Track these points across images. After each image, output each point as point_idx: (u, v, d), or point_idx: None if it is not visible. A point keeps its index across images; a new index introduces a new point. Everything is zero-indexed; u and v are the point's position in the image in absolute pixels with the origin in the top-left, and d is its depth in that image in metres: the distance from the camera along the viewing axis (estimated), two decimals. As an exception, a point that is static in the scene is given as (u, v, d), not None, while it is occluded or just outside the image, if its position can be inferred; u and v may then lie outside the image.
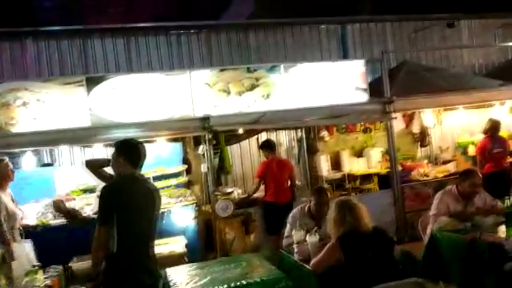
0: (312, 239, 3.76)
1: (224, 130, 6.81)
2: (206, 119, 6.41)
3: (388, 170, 8.12)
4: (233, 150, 8.73)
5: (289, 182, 7.01)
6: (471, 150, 8.23)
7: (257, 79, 6.69)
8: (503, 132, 8.37)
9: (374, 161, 9.09)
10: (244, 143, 8.71)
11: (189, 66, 8.52)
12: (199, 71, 6.65)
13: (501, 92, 8.06)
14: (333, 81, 7.09)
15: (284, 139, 9.20)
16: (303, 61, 8.55)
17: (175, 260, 5.43)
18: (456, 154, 8.95)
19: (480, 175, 5.00)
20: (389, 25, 10.38)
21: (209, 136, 6.48)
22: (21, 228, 4.93)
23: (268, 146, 7.05)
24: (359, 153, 9.34)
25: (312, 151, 9.08)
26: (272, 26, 9.54)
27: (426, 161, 9.19)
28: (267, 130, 8.33)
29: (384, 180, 8.22)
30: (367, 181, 8.77)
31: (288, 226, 4.45)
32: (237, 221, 6.58)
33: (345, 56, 9.87)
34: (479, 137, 8.13)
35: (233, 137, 8.18)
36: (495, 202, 4.72)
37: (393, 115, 7.35)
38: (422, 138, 9.50)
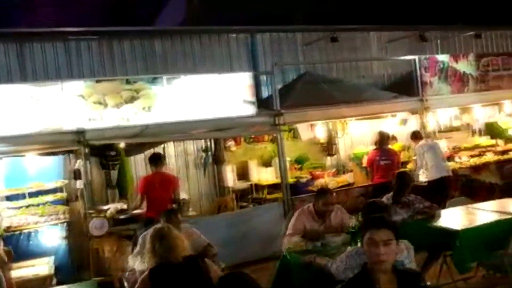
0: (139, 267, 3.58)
1: (101, 144, 6.50)
2: (81, 132, 6.11)
3: (295, 179, 8.20)
4: (137, 161, 8.41)
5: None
6: (365, 161, 8.35)
7: (137, 91, 6.46)
8: (397, 144, 8.60)
9: (279, 171, 9.03)
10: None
11: (90, 75, 8.03)
12: (71, 82, 6.33)
13: (393, 104, 8.25)
14: (221, 93, 6.97)
15: (193, 149, 8.99)
16: (211, 71, 8.48)
17: (40, 283, 5.12)
18: (352, 164, 9.08)
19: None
20: (300, 35, 10.36)
21: (86, 151, 6.18)
22: None
23: (153, 160, 6.81)
24: (267, 163, 9.27)
25: (219, 161, 8.93)
26: (179, 34, 9.28)
27: (334, 170, 9.30)
28: (174, 140, 8.10)
29: (293, 189, 8.15)
30: (276, 190, 8.70)
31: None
32: (114, 239, 6.29)
33: (255, 66, 9.78)
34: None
35: (135, 148, 7.88)
36: (350, 220, 4.72)
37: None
38: (329, 147, 9.59)
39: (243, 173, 9.03)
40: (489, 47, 10.91)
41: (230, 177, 8.83)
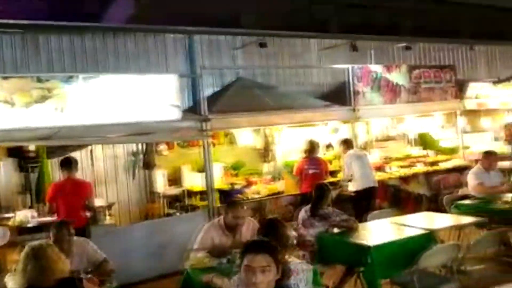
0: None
1: (8, 146, 5.99)
2: (-17, 133, 5.59)
3: (230, 185, 7.97)
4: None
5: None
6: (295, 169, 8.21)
7: (49, 90, 6.00)
8: (324, 156, 8.48)
9: (215, 177, 8.75)
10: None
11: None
12: (-27, 79, 5.79)
13: (325, 113, 8.16)
14: (144, 95, 6.62)
15: (123, 152, 8.51)
16: (146, 71, 8.07)
17: None
18: (284, 172, 8.92)
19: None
20: (239, 39, 10.10)
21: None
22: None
23: (64, 165, 6.35)
24: (202, 168, 8.95)
25: (149, 165, 8.53)
26: (113, 32, 8.77)
27: (270, 176, 9.10)
28: (88, 144, 7.60)
29: (228, 196, 7.84)
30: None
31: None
32: (18, 250, 5.77)
33: (192, 68, 9.45)
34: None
35: (57, 149, 7.35)
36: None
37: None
38: (266, 153, 9.40)
39: (176, 179, 8.70)
40: (422, 59, 11.08)
41: (160, 182, 8.48)
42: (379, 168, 8.87)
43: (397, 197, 8.47)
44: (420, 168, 9.11)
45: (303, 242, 5.12)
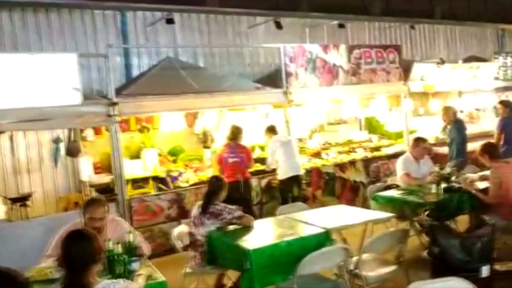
0: None
1: None
2: None
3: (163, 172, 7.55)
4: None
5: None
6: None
7: None
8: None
9: (150, 163, 8.19)
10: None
11: None
12: None
13: (254, 96, 7.61)
14: (41, 77, 5.96)
15: (48, 139, 7.89)
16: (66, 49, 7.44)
17: None
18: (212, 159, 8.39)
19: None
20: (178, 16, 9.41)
21: None
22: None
23: None
24: (135, 155, 8.38)
25: (73, 153, 7.90)
26: (33, 8, 8.03)
27: (209, 164, 8.56)
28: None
29: (164, 184, 7.54)
30: (146, 184, 7.81)
31: None
32: None
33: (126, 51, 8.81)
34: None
35: None
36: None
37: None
38: (205, 139, 8.85)
39: (106, 166, 8.11)
40: (362, 39, 10.56)
41: (85, 170, 7.88)
42: (316, 155, 8.39)
43: (332, 185, 8.01)
44: (359, 154, 8.65)
45: (194, 241, 4.63)
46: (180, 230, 4.86)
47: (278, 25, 8.43)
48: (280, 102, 7.74)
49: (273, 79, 8.21)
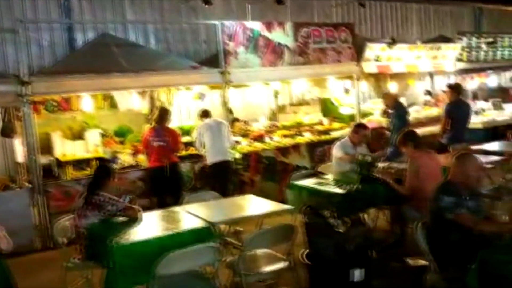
0: None
1: None
2: None
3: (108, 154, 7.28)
4: None
5: None
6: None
7: None
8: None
9: (91, 144, 7.85)
10: None
11: None
12: None
13: (188, 76, 7.21)
14: None
15: None
16: None
17: None
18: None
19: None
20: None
21: None
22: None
23: None
24: (77, 135, 8.03)
25: (7, 133, 7.53)
26: None
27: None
28: None
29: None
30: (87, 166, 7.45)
31: None
32: None
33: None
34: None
35: None
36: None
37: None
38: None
39: (46, 147, 7.76)
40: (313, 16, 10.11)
41: (20, 151, 7.53)
42: (259, 138, 8.04)
43: (271, 170, 7.68)
44: (305, 137, 8.30)
45: (78, 234, 4.31)
46: (64, 223, 4.52)
47: (206, 1, 7.94)
48: (217, 82, 7.34)
49: (213, 58, 7.80)
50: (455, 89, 7.41)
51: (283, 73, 8.03)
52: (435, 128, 8.51)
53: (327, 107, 9.77)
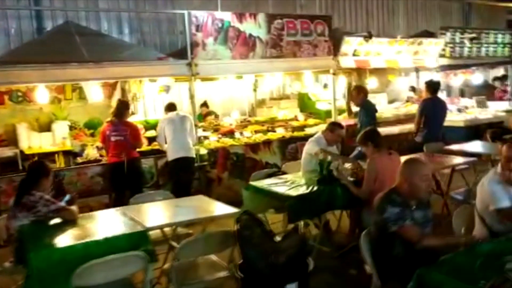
0: None
1: None
2: None
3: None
4: None
5: None
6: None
7: None
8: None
9: (58, 137, 7.57)
10: None
11: None
12: None
13: (152, 67, 6.88)
14: None
15: None
16: None
17: None
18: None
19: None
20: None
21: None
22: None
23: None
24: (47, 127, 7.75)
25: None
26: None
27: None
28: None
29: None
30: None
31: None
32: None
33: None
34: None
35: None
36: None
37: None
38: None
39: (12, 139, 7.49)
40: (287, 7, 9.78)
41: None
42: (228, 133, 7.75)
43: (240, 167, 7.39)
44: (278, 133, 8.01)
45: (9, 236, 4.02)
46: (-2, 223, 4.23)
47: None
48: (183, 74, 7.02)
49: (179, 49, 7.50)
50: (431, 86, 7.13)
51: (255, 66, 7.71)
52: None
53: (304, 102, 9.49)
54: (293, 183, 4.89)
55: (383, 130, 8.53)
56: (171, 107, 6.68)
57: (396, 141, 8.73)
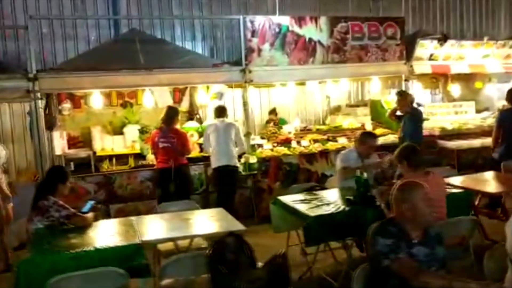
0: None
1: None
2: None
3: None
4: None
5: None
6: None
7: None
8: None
9: (129, 140, 7.97)
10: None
11: None
12: None
13: (205, 74, 6.86)
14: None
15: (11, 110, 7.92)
16: None
17: None
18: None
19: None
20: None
21: None
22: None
23: None
24: (118, 130, 8.20)
25: (49, 126, 7.88)
26: None
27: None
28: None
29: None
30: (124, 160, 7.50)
31: None
32: None
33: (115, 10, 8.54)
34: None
35: None
36: None
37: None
38: (191, 115, 8.42)
39: (88, 141, 8.02)
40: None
41: (59, 144, 7.81)
42: (284, 142, 7.45)
43: (293, 178, 7.05)
44: (338, 143, 7.52)
45: (28, 238, 4.16)
46: (18, 225, 4.40)
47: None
48: (236, 81, 6.89)
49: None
50: (510, 94, 6.17)
51: (314, 72, 7.34)
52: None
53: (376, 110, 8.84)
54: (322, 200, 4.47)
55: (460, 143, 7.77)
56: (220, 111, 6.55)
57: (478, 156, 7.80)
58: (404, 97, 6.49)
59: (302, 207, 4.24)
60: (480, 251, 3.18)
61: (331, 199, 4.51)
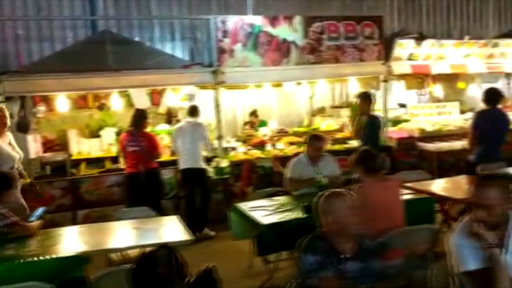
0: None
1: None
2: None
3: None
4: None
5: None
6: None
7: None
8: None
9: (105, 143, 7.82)
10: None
11: None
12: None
13: (172, 76, 6.70)
14: None
15: None
16: None
17: None
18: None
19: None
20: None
21: None
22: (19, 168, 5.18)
23: None
24: (94, 133, 8.05)
25: (23, 129, 7.72)
26: None
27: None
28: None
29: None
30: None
31: None
32: None
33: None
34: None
35: None
36: None
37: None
38: (169, 118, 8.26)
39: (64, 144, 7.86)
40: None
41: (33, 148, 7.65)
42: (258, 145, 7.29)
43: (266, 182, 6.86)
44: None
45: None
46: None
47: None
48: (207, 82, 6.73)
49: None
50: (487, 95, 5.98)
51: (289, 73, 7.17)
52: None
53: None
54: (280, 207, 4.31)
55: (441, 145, 7.60)
56: (192, 111, 6.38)
57: (459, 159, 7.61)
58: (363, 98, 6.32)
59: (258, 215, 4.07)
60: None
61: (290, 206, 4.35)
